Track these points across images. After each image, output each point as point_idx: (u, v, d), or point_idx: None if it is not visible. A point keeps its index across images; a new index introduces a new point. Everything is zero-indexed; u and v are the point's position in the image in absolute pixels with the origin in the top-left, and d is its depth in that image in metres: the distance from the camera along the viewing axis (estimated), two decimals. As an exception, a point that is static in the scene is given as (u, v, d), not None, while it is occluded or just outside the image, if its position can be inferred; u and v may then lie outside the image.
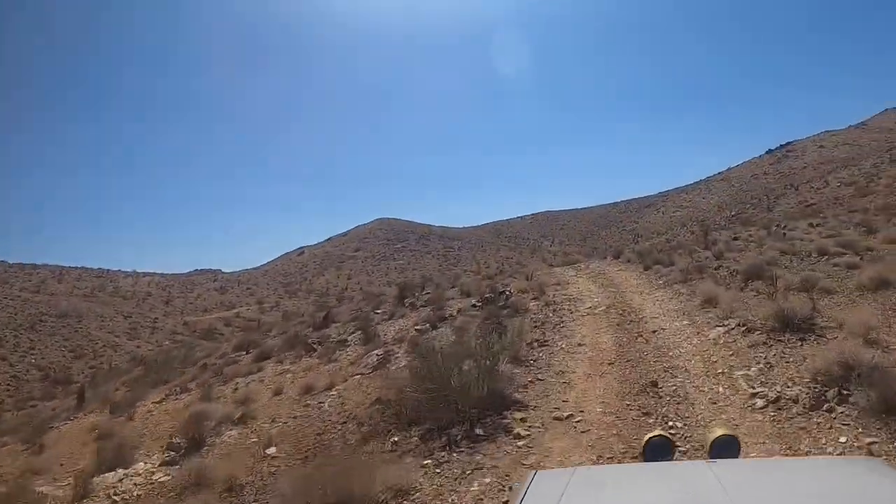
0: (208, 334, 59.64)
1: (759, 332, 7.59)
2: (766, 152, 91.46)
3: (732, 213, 49.41)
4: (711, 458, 1.98)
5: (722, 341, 7.73)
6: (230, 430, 8.69)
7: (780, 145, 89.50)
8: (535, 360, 8.23)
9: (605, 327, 9.81)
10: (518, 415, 6.23)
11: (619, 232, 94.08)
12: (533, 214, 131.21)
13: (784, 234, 17.57)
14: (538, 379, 7.50)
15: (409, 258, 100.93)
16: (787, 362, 6.38)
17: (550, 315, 11.50)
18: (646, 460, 2.17)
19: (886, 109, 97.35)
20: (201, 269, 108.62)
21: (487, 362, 6.95)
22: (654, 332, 8.94)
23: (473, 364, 6.94)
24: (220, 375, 14.69)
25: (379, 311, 20.16)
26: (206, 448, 8.13)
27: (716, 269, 13.48)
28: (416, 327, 14.19)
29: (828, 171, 55.60)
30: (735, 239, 20.57)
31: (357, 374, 10.79)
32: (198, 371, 17.25)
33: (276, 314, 58.03)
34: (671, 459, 2.24)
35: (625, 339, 8.79)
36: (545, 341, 9.25)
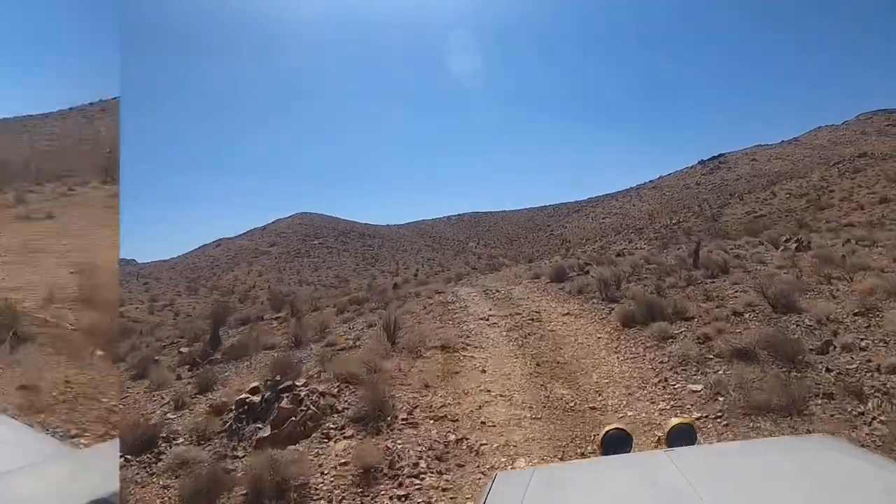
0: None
1: None
2: (699, 163, 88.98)
3: (674, 222, 43.83)
4: (669, 446, 1.94)
5: None
6: None
7: (713, 156, 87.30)
8: None
9: None
10: None
11: (547, 237, 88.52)
12: (458, 215, 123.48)
13: (844, 256, 10.27)
14: None
15: (326, 255, 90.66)
16: None
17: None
18: (604, 454, 2.12)
19: (820, 127, 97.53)
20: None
21: None
22: None
23: None
24: None
25: (186, 350, 12.14)
26: None
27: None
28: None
29: (771, 181, 51.83)
30: (737, 257, 13.25)
31: None
32: None
33: (166, 314, 47.71)
34: (629, 451, 2.15)
35: None
36: None
